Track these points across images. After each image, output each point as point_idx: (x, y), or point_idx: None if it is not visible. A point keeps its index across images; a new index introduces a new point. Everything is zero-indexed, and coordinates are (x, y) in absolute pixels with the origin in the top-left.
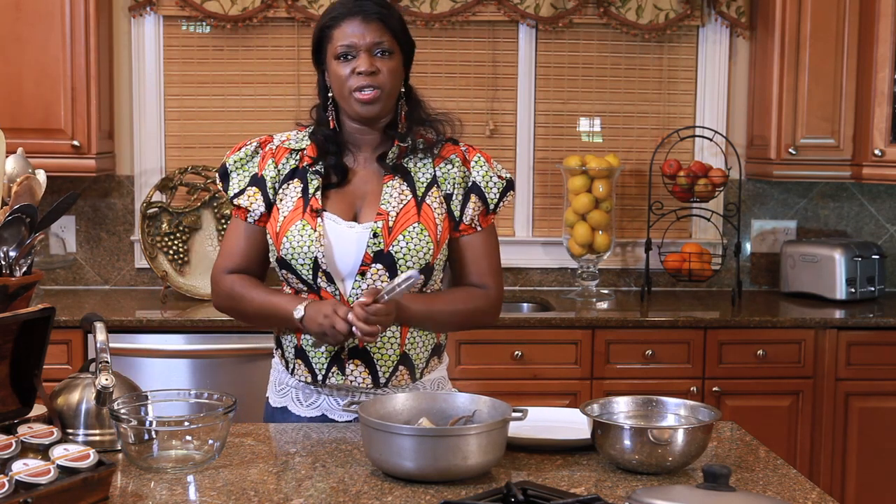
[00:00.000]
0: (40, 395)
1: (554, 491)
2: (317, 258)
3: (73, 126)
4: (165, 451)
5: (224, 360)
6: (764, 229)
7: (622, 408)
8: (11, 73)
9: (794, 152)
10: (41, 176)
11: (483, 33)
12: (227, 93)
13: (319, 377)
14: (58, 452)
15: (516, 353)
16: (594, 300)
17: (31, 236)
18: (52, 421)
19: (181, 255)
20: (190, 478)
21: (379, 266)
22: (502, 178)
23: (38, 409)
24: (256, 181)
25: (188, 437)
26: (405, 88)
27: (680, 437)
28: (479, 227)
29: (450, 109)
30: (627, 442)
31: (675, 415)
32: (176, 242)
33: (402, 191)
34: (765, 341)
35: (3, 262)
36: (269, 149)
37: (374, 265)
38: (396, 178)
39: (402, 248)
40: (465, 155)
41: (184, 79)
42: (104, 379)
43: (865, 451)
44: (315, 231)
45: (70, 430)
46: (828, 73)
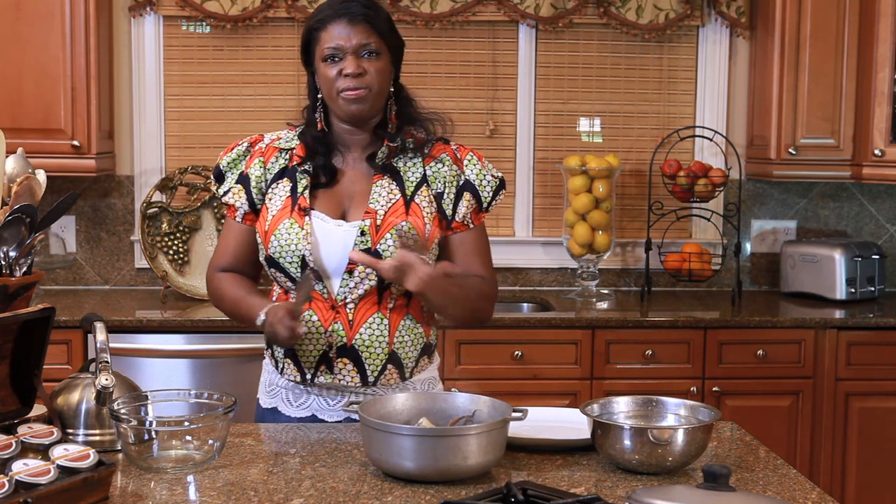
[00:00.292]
0: (40, 395)
1: (554, 491)
2: (304, 256)
3: (73, 126)
4: (165, 451)
5: (224, 360)
6: (764, 229)
7: (622, 408)
8: (11, 73)
9: (794, 152)
10: (41, 176)
11: (483, 33)
12: (227, 93)
13: (308, 376)
14: (58, 452)
15: (516, 353)
16: (594, 300)
17: (31, 236)
18: (52, 421)
19: (181, 255)
20: (190, 478)
21: None
22: (495, 177)
23: (38, 409)
24: (241, 179)
25: (188, 437)
26: (395, 87)
27: (680, 437)
28: (471, 225)
29: (450, 109)
30: (627, 442)
31: (675, 415)
32: (176, 242)
33: (391, 190)
34: (765, 341)
35: (3, 262)
36: (259, 148)
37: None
38: (385, 177)
39: (389, 246)
40: (457, 154)
41: (184, 79)
42: (104, 379)
43: (865, 451)
44: (302, 229)
45: (70, 430)
46: (828, 73)
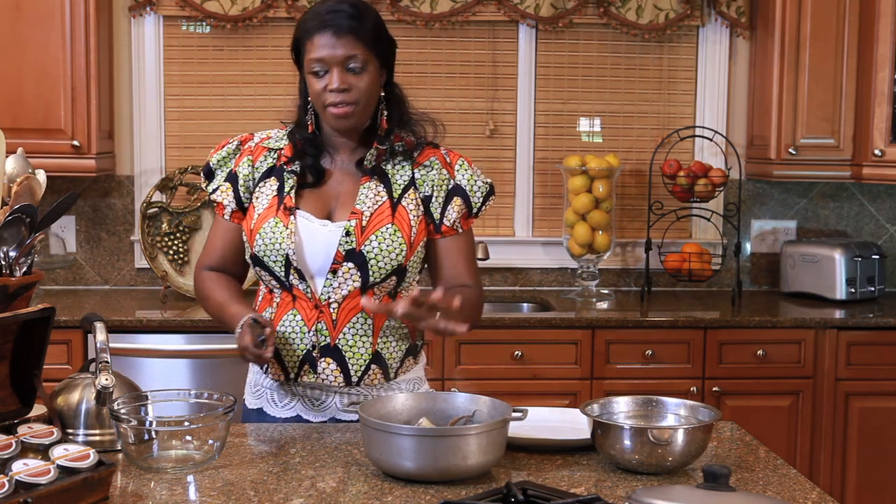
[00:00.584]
0: (40, 395)
1: (554, 491)
2: (288, 255)
3: (73, 126)
4: (165, 451)
5: (224, 360)
6: (764, 229)
7: (622, 408)
8: (11, 73)
9: (794, 152)
10: (41, 176)
11: (483, 33)
12: (227, 93)
13: (292, 375)
14: (58, 452)
15: (516, 353)
16: (594, 300)
17: (31, 236)
18: (52, 421)
19: (181, 255)
20: (190, 478)
21: (350, 265)
22: (485, 182)
23: (38, 409)
24: (230, 177)
25: (188, 437)
26: (388, 88)
27: (680, 437)
28: (460, 230)
29: (450, 109)
30: (627, 442)
31: (675, 415)
32: (176, 242)
33: (378, 192)
34: (765, 341)
35: (3, 262)
36: (248, 146)
37: (345, 264)
38: (373, 179)
39: (373, 247)
40: (446, 158)
41: (184, 79)
42: (104, 379)
43: (865, 451)
44: (287, 228)
45: (70, 430)
46: (828, 73)
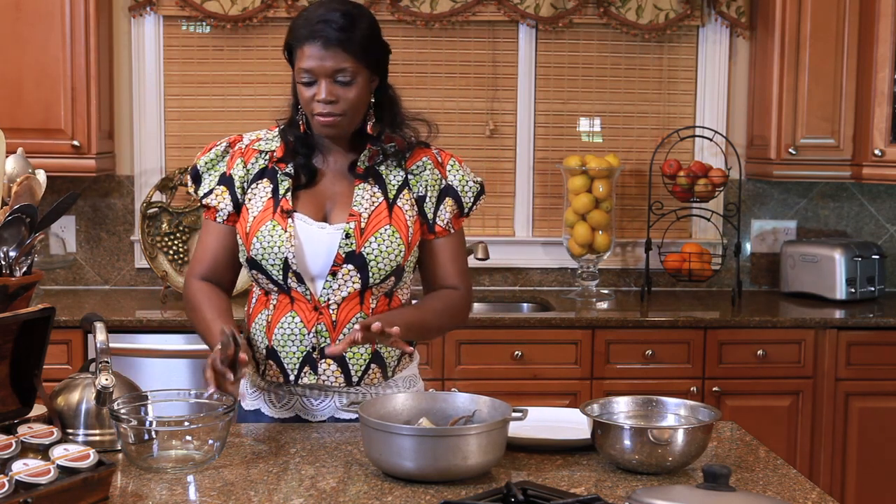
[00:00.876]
0: (40, 395)
1: (554, 491)
2: (287, 258)
3: (73, 126)
4: (165, 451)
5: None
6: (764, 229)
7: (622, 408)
8: (11, 73)
9: (794, 152)
10: (41, 176)
11: (483, 33)
12: (227, 93)
13: (292, 377)
14: (58, 452)
15: (516, 353)
16: (594, 300)
17: (31, 236)
18: (52, 421)
19: (181, 255)
20: (190, 478)
21: (350, 267)
22: (476, 182)
23: (38, 409)
24: (224, 180)
25: (188, 437)
26: (381, 92)
27: (680, 437)
28: (451, 230)
29: (450, 109)
30: (627, 442)
31: (675, 415)
32: (176, 242)
33: (374, 193)
34: (765, 341)
35: (3, 262)
36: (239, 148)
37: (345, 265)
38: (367, 180)
39: (373, 249)
40: (438, 158)
41: (184, 79)
42: (104, 379)
43: (865, 451)
44: (286, 231)
45: (70, 430)
46: (828, 73)
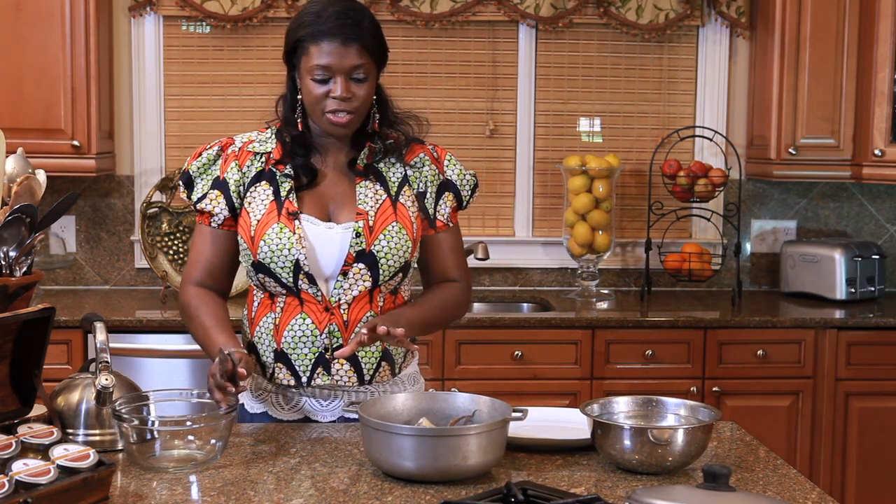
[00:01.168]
0: (40, 395)
1: (554, 491)
2: (298, 260)
3: (73, 126)
4: (168, 450)
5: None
6: (764, 229)
7: (622, 408)
8: (11, 73)
9: (794, 152)
10: (41, 176)
11: (483, 33)
12: (227, 93)
13: (304, 379)
14: (58, 452)
15: (516, 353)
16: (594, 300)
17: (31, 236)
18: (52, 421)
19: (181, 255)
20: (191, 478)
21: (361, 265)
22: (472, 175)
23: (38, 409)
24: (218, 184)
25: (190, 437)
26: (376, 92)
27: (680, 437)
28: (450, 224)
29: (450, 109)
30: (627, 442)
31: (675, 415)
32: (176, 242)
33: (377, 191)
34: (765, 341)
35: (3, 262)
36: (232, 151)
37: (356, 265)
38: (368, 178)
39: (383, 247)
40: (434, 154)
41: (184, 79)
42: (104, 379)
43: (865, 451)
44: (294, 233)
45: (70, 430)
46: (828, 73)
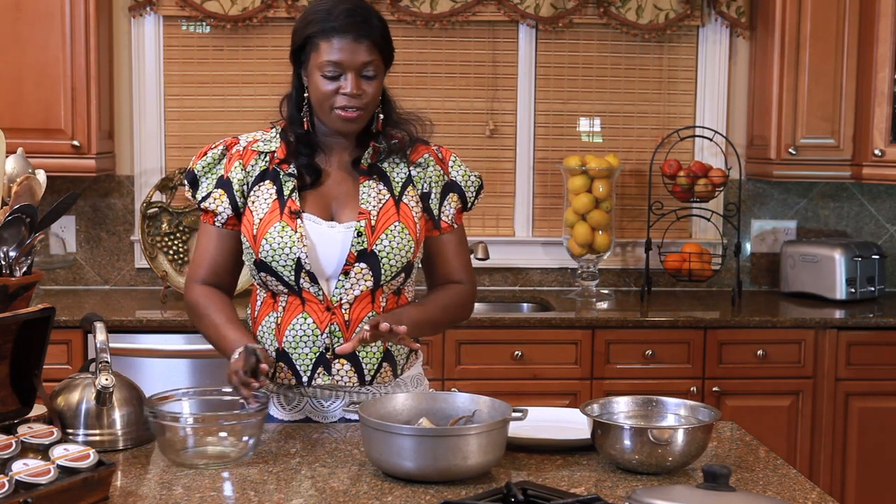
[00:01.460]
0: (40, 395)
1: (554, 491)
2: (300, 259)
3: (73, 126)
4: (201, 447)
5: (224, 360)
6: (764, 229)
7: (622, 408)
8: (11, 73)
9: (794, 152)
10: (41, 176)
11: (483, 33)
12: (227, 93)
13: (305, 378)
14: (58, 452)
15: (516, 353)
16: (594, 300)
17: (31, 236)
18: (52, 421)
19: (181, 255)
20: (191, 478)
21: (363, 265)
22: (477, 176)
23: (38, 409)
24: (222, 183)
25: (223, 434)
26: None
27: (680, 437)
28: (455, 225)
29: (450, 109)
30: (627, 442)
31: (675, 415)
32: (176, 242)
33: (380, 190)
34: (765, 341)
35: (3, 262)
36: (237, 150)
37: (357, 264)
38: (372, 178)
39: (385, 246)
40: (439, 154)
41: (184, 79)
42: (104, 379)
43: (865, 451)
44: (296, 232)
45: (70, 430)
46: (828, 73)
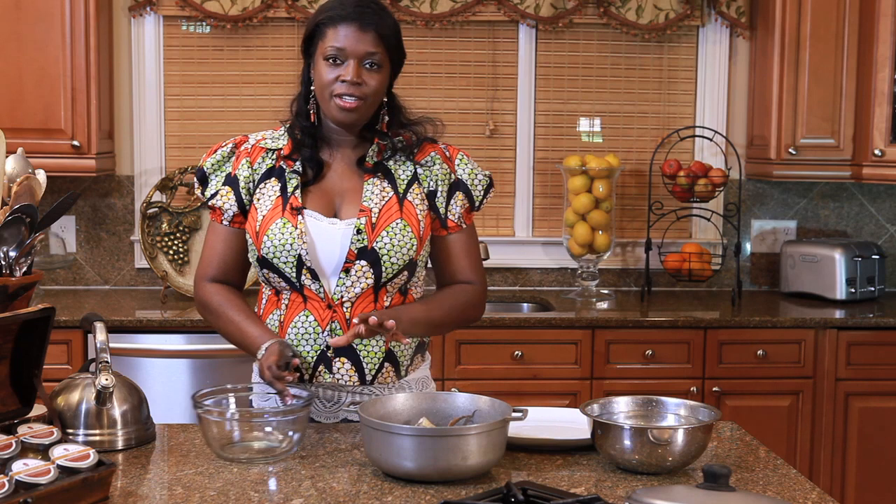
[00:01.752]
0: (40, 395)
1: (554, 491)
2: (300, 255)
3: (73, 126)
4: (247, 442)
5: (224, 360)
6: (764, 229)
7: (622, 408)
8: (11, 73)
9: (794, 152)
10: (41, 176)
11: (483, 33)
12: (227, 93)
13: (306, 377)
14: (58, 452)
15: (516, 353)
16: (594, 300)
17: (31, 236)
18: (52, 421)
19: (181, 255)
20: (191, 478)
21: (363, 262)
22: (485, 175)
23: (38, 409)
24: (229, 181)
25: (268, 429)
26: (389, 95)
27: (680, 437)
28: (463, 225)
29: (450, 109)
30: (627, 442)
31: (675, 415)
32: (176, 242)
33: (384, 188)
34: (765, 341)
35: (3, 262)
36: (245, 148)
37: (358, 261)
38: (377, 175)
39: (385, 244)
40: (446, 153)
41: (184, 79)
42: (104, 379)
43: (865, 451)
44: (297, 228)
45: (70, 430)
46: (828, 73)
